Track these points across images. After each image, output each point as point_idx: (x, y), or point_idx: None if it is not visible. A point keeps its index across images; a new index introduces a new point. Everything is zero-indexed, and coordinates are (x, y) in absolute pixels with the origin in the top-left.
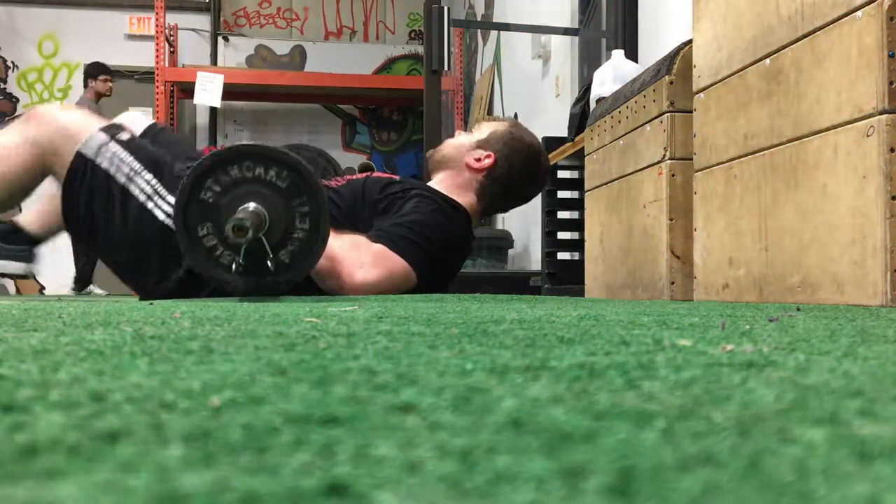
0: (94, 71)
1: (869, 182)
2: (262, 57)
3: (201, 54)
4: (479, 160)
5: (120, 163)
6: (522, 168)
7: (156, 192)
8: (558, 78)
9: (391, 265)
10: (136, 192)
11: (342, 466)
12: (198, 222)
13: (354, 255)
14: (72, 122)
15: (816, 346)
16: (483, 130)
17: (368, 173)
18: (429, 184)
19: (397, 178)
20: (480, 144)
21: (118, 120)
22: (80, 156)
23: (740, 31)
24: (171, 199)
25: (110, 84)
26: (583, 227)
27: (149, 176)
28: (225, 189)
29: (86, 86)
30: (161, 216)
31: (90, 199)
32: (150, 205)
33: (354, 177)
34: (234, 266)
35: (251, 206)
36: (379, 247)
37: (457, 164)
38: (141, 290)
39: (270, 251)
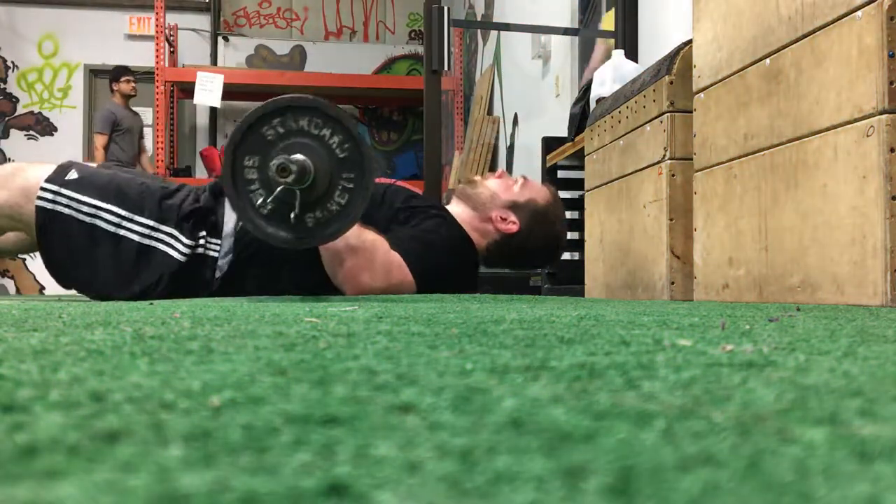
0: (116, 74)
1: (869, 182)
2: (262, 57)
3: (201, 54)
4: (504, 220)
5: (79, 205)
6: (536, 249)
7: (122, 217)
8: (558, 78)
9: (399, 277)
10: (103, 225)
11: (342, 466)
12: (247, 152)
13: (370, 254)
14: (27, 180)
15: (816, 346)
16: (525, 192)
17: (394, 181)
18: (448, 207)
19: (420, 193)
20: (514, 207)
21: (64, 162)
22: (40, 210)
23: (740, 31)
24: (140, 219)
25: (133, 84)
26: (583, 227)
27: (109, 206)
28: (287, 133)
29: (111, 92)
30: (136, 238)
31: (67, 247)
32: (121, 232)
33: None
34: (259, 203)
35: (301, 157)
36: (396, 256)
37: (484, 211)
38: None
39: (298, 207)
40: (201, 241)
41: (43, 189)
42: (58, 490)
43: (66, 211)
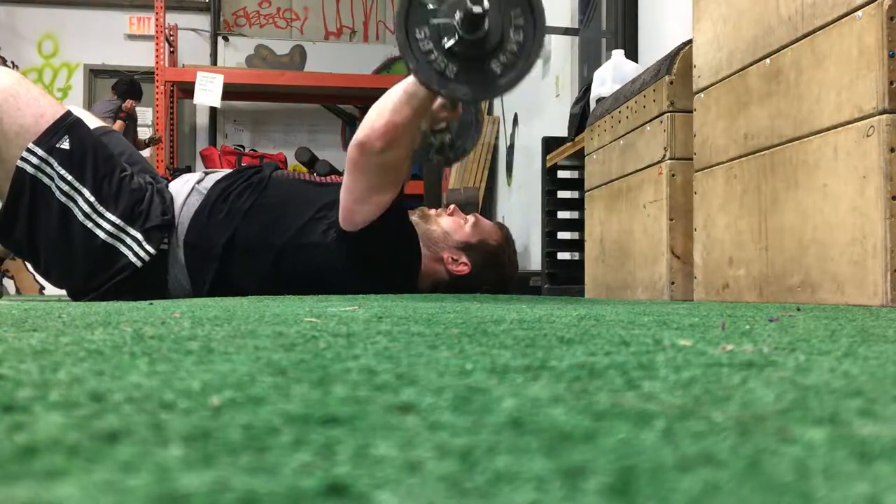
0: (130, 93)
1: (869, 182)
2: (261, 57)
3: (201, 54)
4: (456, 261)
5: (60, 181)
6: (484, 291)
7: (94, 210)
8: (558, 78)
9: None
10: (75, 210)
11: (342, 466)
12: (416, 25)
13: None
14: (16, 126)
15: (816, 346)
16: (476, 232)
17: None
18: None
19: None
20: (467, 248)
21: (64, 115)
22: (20, 172)
23: (740, 31)
24: (109, 216)
25: (132, 106)
26: (583, 227)
27: (87, 193)
28: None
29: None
30: (102, 234)
31: (31, 218)
32: (89, 224)
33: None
34: (448, 44)
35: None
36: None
37: (436, 250)
38: (71, 294)
39: (481, 53)
40: (163, 246)
41: (30, 151)
42: (58, 490)
43: (47, 181)
